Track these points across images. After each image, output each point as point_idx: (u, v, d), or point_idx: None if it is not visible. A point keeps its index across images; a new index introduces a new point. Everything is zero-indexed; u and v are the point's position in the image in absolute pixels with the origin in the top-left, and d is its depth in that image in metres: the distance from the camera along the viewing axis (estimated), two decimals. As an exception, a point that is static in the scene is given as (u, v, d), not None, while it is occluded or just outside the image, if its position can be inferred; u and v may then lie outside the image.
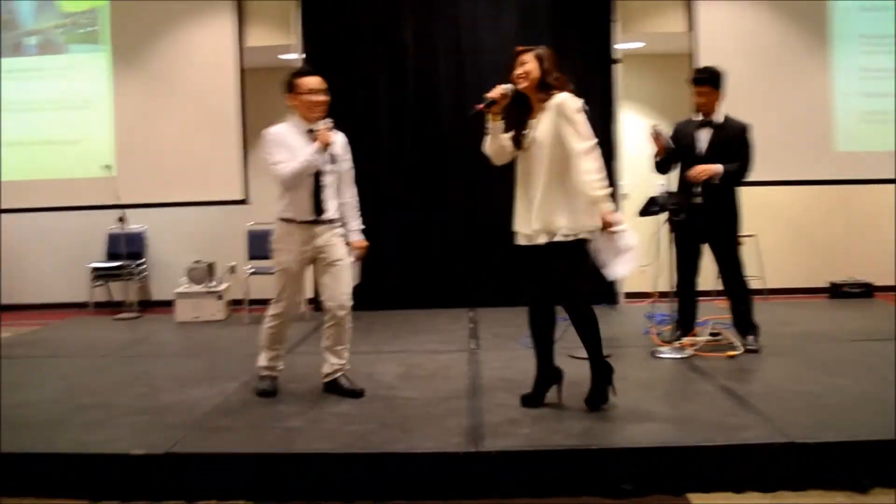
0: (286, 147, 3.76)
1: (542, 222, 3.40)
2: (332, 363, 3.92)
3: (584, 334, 3.52)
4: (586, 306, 3.52)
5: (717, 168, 4.49)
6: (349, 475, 3.02)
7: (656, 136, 4.61)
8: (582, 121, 3.38)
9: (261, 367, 3.98)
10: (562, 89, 3.43)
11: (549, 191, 3.39)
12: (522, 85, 3.43)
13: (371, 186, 6.66)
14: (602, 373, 3.54)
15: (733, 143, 4.59)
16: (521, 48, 3.52)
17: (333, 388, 3.91)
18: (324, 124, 3.77)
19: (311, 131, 3.78)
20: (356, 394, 3.85)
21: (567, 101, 3.38)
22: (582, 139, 3.34)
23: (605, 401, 3.52)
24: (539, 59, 3.45)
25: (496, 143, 3.54)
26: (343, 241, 3.94)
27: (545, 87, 3.42)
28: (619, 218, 3.41)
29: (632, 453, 3.03)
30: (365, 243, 4.02)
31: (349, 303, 3.88)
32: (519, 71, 3.44)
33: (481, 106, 3.44)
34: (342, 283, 3.88)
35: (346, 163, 3.97)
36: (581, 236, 3.40)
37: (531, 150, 3.44)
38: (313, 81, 3.80)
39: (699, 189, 4.53)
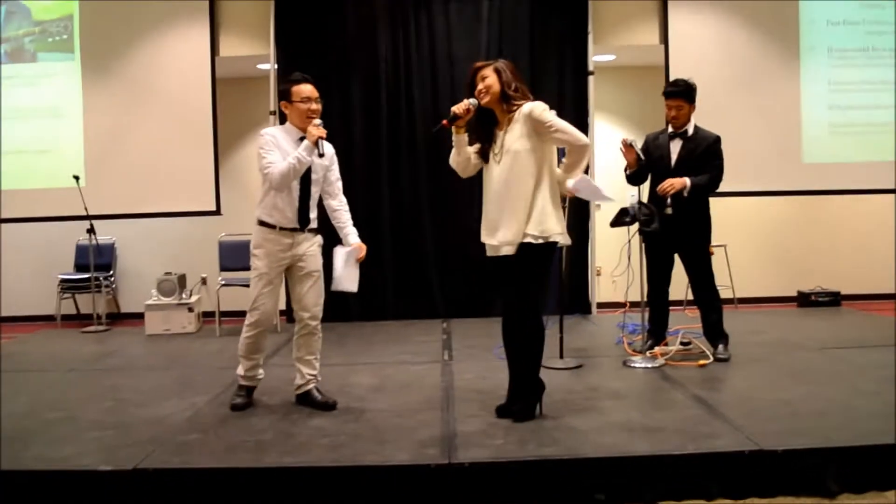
0: (280, 150, 3.73)
1: (513, 232, 3.41)
2: (304, 374, 3.90)
3: (528, 346, 3.53)
4: (538, 318, 3.53)
5: (685, 181, 4.54)
6: (321, 489, 2.99)
7: (627, 148, 4.64)
8: (560, 119, 3.44)
9: (239, 377, 3.95)
10: (524, 99, 3.47)
11: (523, 200, 3.41)
12: (485, 100, 3.46)
13: (345, 196, 6.66)
14: (534, 389, 3.57)
15: (703, 155, 4.64)
16: (479, 64, 3.56)
17: (306, 399, 3.89)
18: (313, 122, 3.74)
19: (303, 139, 3.74)
20: (328, 406, 3.83)
21: (535, 108, 3.42)
22: (574, 133, 3.41)
23: (531, 416, 3.54)
24: (498, 72, 3.48)
25: (462, 155, 3.58)
26: (320, 251, 3.92)
27: (507, 99, 3.46)
28: (577, 183, 3.58)
29: (604, 463, 3.04)
30: (364, 246, 3.96)
31: (320, 314, 3.90)
32: (480, 86, 3.48)
33: (445, 122, 3.48)
34: (317, 293, 3.88)
35: (333, 173, 3.96)
36: (551, 240, 3.42)
37: (501, 162, 3.46)
38: (307, 89, 3.78)
39: (669, 201, 4.58)
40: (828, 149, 6.87)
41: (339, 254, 3.84)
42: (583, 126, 6.66)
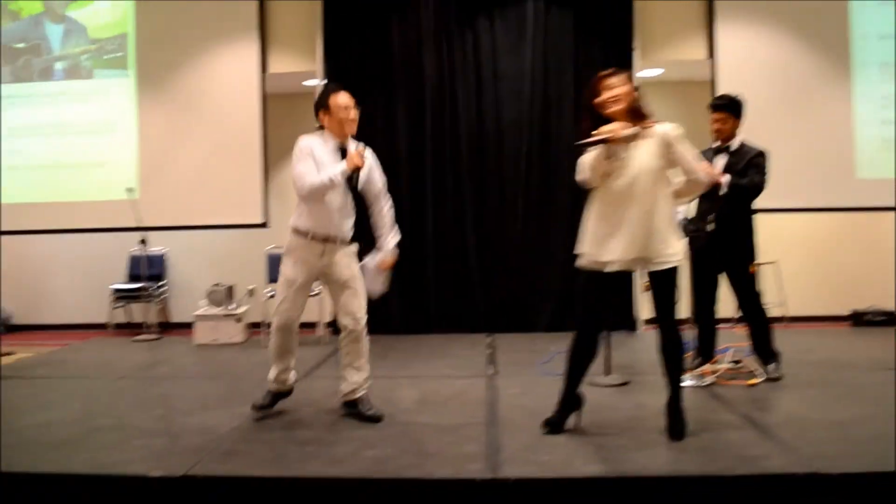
0: (315, 159, 3.74)
1: (639, 250, 3.37)
2: (352, 381, 3.88)
3: (675, 359, 3.50)
4: (680, 332, 3.53)
5: (726, 177, 4.48)
6: (365, 500, 3.00)
7: None
8: (689, 150, 3.45)
9: (269, 381, 3.98)
10: (651, 116, 3.42)
11: (649, 219, 3.36)
12: (614, 108, 3.34)
13: (389, 199, 6.71)
14: (681, 399, 3.53)
15: (745, 168, 4.57)
16: (606, 72, 3.42)
17: (353, 408, 3.88)
18: (356, 148, 3.77)
19: (342, 149, 3.79)
20: (375, 419, 3.82)
21: (673, 130, 3.40)
22: (698, 168, 3.45)
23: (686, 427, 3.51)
24: (630, 82, 3.41)
25: (606, 167, 3.37)
26: (354, 260, 3.93)
27: (639, 116, 3.37)
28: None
29: (651, 482, 3.00)
30: (394, 257, 3.96)
31: (364, 318, 3.87)
32: (608, 95, 3.36)
33: (595, 139, 3.31)
34: (358, 299, 3.86)
35: (375, 177, 3.94)
36: (674, 262, 3.42)
37: (626, 178, 3.36)
38: (344, 98, 3.82)
39: (712, 216, 4.52)
40: (881, 164, 6.70)
41: (365, 269, 3.91)
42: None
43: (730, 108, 4.63)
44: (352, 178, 3.78)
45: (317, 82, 6.83)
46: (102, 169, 7.12)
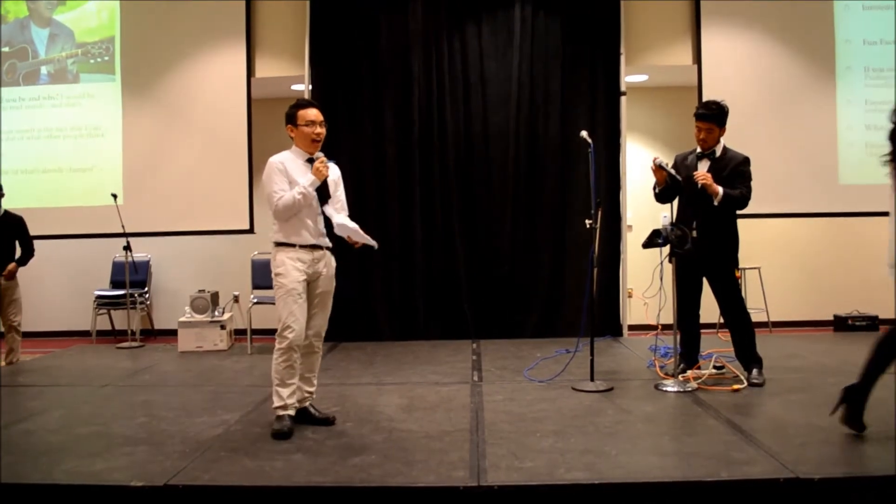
0: (287, 177, 3.81)
1: None
2: (303, 390, 3.94)
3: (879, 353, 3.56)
4: None
5: (718, 188, 4.51)
6: (349, 509, 2.99)
7: (658, 169, 4.62)
8: None
9: (277, 407, 3.81)
10: None
11: None
12: None
13: (376, 217, 6.72)
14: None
15: (730, 175, 4.60)
16: None
17: (303, 416, 3.92)
18: (319, 158, 3.83)
19: (310, 160, 3.85)
20: (328, 421, 3.89)
21: None
22: None
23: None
24: None
25: None
26: (334, 274, 3.97)
27: None
28: None
29: (635, 488, 3.00)
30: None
31: (324, 333, 3.97)
32: None
33: None
34: (325, 313, 3.95)
35: (339, 192, 4.01)
36: None
37: None
38: (312, 113, 3.85)
39: (695, 224, 4.55)
40: (865, 170, 6.76)
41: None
42: (614, 146, 6.67)
43: (716, 118, 4.64)
44: (321, 190, 3.84)
45: (304, 87, 6.82)
46: (88, 174, 7.08)
